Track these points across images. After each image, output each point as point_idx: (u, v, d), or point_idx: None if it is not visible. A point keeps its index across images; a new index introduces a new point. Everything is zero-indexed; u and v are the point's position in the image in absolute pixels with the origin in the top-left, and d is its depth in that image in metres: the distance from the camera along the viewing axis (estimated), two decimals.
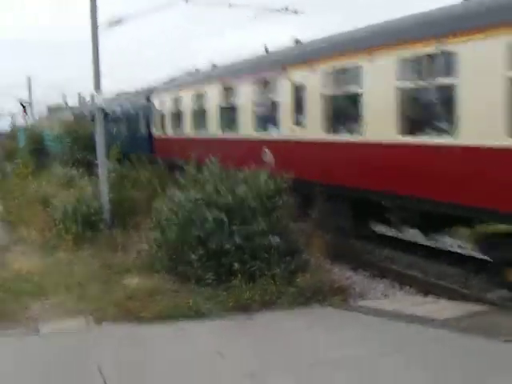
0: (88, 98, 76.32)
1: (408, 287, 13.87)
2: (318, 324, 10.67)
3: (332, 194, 15.57)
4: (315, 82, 16.52)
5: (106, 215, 18.18)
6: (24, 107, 65.54)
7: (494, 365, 8.14)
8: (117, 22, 19.62)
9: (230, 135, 21.32)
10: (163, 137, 29.12)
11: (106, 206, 18.36)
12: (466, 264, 14.79)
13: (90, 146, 29.09)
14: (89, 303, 11.71)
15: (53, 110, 75.14)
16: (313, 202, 15.44)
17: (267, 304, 11.41)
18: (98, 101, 19.24)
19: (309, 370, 8.30)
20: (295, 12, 22.64)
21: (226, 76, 22.30)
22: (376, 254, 16.35)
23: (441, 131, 12.93)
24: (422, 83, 13.05)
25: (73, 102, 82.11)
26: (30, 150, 39.68)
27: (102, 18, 19.14)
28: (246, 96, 20.13)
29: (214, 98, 22.50)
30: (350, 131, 15.46)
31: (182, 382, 8.08)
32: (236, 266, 12.19)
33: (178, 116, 26.95)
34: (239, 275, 12.00)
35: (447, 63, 12.49)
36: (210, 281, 12.31)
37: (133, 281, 12.97)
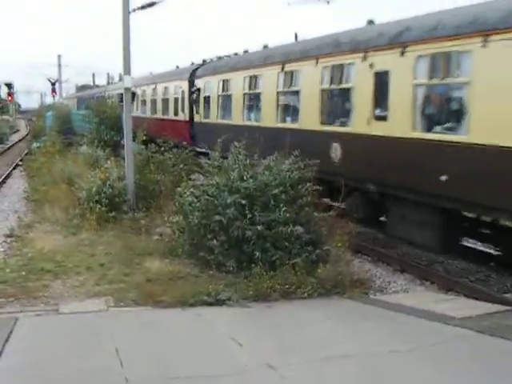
0: (116, 78, 77.18)
1: (429, 283, 13.81)
2: (337, 316, 10.65)
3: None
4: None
5: (130, 197, 18.25)
6: (53, 84, 65.95)
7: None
8: (149, 4, 19.56)
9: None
10: None
11: (131, 188, 18.44)
12: (488, 262, 14.71)
13: (117, 127, 29.33)
14: (109, 285, 11.81)
15: (81, 89, 76.27)
16: None
17: (287, 293, 11.40)
18: (127, 82, 19.29)
19: (324, 362, 8.28)
20: (327, 2, 22.50)
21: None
22: (397, 247, 16.23)
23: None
24: None
25: (102, 81, 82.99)
26: (57, 129, 39.90)
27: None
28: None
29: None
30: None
31: (197, 367, 8.09)
32: (257, 254, 12.20)
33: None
34: (260, 263, 12.01)
35: None
36: (230, 268, 12.34)
37: (154, 264, 13.04)
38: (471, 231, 14.98)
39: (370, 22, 17.82)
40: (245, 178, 13.34)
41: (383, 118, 14.77)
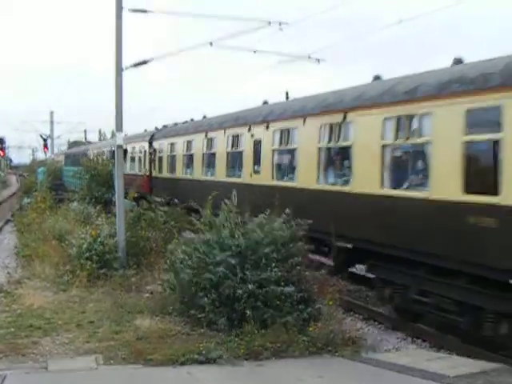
0: (108, 134, 77.75)
1: (420, 341, 13.76)
2: (328, 375, 10.55)
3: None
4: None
5: (121, 254, 18.21)
6: (45, 140, 66.14)
7: None
8: (142, 62, 19.79)
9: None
10: None
11: (122, 245, 18.40)
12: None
13: (108, 184, 29.36)
14: (99, 342, 11.71)
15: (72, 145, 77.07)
16: None
17: (278, 352, 11.32)
18: (119, 140, 19.37)
19: None
20: (317, 60, 22.79)
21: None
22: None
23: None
24: None
25: (94, 137, 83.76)
26: (48, 185, 39.92)
27: (128, 61, 19.55)
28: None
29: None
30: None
31: None
32: (248, 312, 12.13)
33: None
34: (251, 322, 11.94)
35: None
36: (221, 326, 12.26)
37: (144, 322, 12.96)
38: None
39: (265, 103, 23.66)
40: (236, 235, 13.37)
41: (258, 172, 20.72)
